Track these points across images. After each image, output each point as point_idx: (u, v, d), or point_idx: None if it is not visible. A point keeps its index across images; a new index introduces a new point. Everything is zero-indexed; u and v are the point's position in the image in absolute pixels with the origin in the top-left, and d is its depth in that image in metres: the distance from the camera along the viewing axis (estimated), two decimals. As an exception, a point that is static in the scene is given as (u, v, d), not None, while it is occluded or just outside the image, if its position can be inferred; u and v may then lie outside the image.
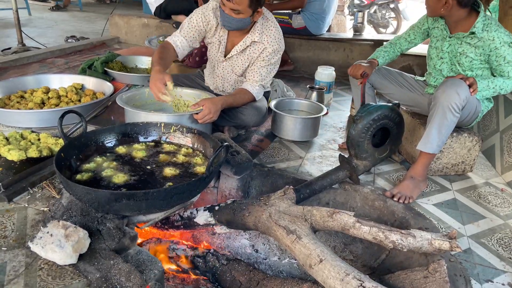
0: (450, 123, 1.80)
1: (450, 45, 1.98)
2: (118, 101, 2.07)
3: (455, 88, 1.77)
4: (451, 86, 1.78)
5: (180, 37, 2.17)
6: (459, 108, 1.78)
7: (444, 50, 2.02)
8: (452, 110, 1.77)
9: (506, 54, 1.81)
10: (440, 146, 1.85)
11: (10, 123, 2.25)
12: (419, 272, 1.24)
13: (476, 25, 1.84)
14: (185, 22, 2.19)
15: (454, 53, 1.98)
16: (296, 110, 2.62)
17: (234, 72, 2.28)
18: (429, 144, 1.84)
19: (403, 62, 3.74)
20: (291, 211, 1.48)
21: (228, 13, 1.98)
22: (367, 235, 1.35)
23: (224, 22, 2.05)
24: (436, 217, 1.78)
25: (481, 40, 1.86)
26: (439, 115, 1.80)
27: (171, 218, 1.71)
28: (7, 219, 1.50)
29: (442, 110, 1.78)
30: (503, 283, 1.44)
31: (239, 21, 2.02)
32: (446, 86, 1.80)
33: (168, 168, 1.57)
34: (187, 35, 2.17)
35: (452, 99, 1.76)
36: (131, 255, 1.33)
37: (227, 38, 2.21)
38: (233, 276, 1.56)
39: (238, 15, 1.99)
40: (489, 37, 1.83)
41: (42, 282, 1.21)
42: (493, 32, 1.82)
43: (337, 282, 1.16)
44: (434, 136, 1.82)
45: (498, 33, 1.82)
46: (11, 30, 5.38)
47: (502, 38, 1.81)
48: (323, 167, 2.12)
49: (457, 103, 1.76)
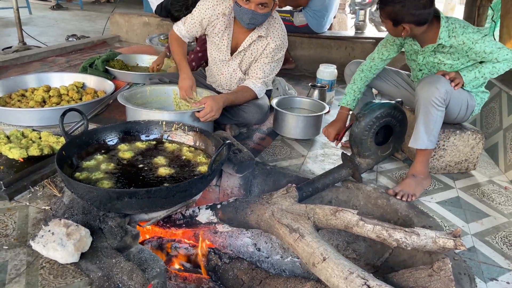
0: (436, 117, 1.79)
1: (424, 58, 1.97)
2: (119, 99, 2.06)
3: (434, 84, 1.77)
4: (429, 81, 1.79)
5: (184, 30, 2.22)
6: (441, 102, 1.77)
7: (420, 63, 2.01)
8: (434, 104, 1.77)
9: (483, 48, 1.77)
10: (432, 141, 1.84)
11: (11, 122, 2.25)
12: (424, 271, 1.23)
13: (440, 36, 1.82)
14: (188, 17, 2.20)
15: (431, 64, 1.96)
16: (298, 108, 2.60)
17: (241, 69, 2.27)
18: (419, 140, 1.83)
19: (404, 60, 3.72)
20: (294, 209, 1.47)
21: (254, 9, 1.95)
22: (371, 233, 1.34)
23: (250, 19, 2.00)
24: (439, 215, 1.77)
25: (452, 47, 1.84)
26: (422, 111, 1.80)
27: (173, 216, 1.70)
28: (8, 217, 1.49)
29: (424, 106, 1.79)
30: (508, 281, 1.43)
31: (264, 16, 2.01)
32: (424, 82, 1.81)
33: (163, 168, 1.55)
34: (190, 30, 2.21)
35: (431, 93, 1.76)
36: (133, 254, 1.32)
37: (232, 35, 2.19)
38: (236, 274, 1.56)
39: (263, 10, 1.97)
40: (459, 42, 1.80)
41: (43, 281, 1.20)
42: (460, 36, 1.79)
43: (341, 281, 1.15)
44: (421, 132, 1.82)
45: (466, 35, 1.78)
46: (12, 29, 5.38)
47: (472, 38, 1.77)
48: (326, 165, 2.11)
49: (438, 97, 1.76)
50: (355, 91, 2.14)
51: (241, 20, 2.04)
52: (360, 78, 2.14)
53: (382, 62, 2.12)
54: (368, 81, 2.16)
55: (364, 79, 2.14)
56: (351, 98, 2.14)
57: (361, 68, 2.16)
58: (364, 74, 2.14)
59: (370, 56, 2.16)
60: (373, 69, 2.13)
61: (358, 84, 2.14)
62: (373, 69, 2.13)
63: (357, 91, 2.14)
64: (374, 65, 2.13)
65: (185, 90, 2.12)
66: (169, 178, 1.51)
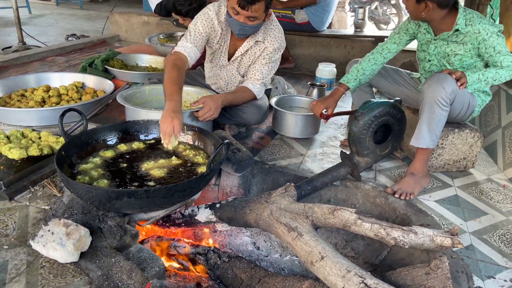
0: (439, 117, 1.79)
1: (436, 47, 1.97)
2: (118, 99, 2.07)
3: (441, 83, 1.76)
4: (436, 80, 1.78)
5: (192, 47, 2.01)
6: (446, 102, 1.77)
7: (430, 52, 2.01)
8: (439, 104, 1.77)
9: (495, 44, 1.79)
10: (434, 141, 1.84)
11: (11, 122, 2.25)
12: (421, 269, 1.23)
13: (457, 21, 1.82)
14: (190, 30, 2.06)
15: (442, 54, 1.96)
16: (297, 107, 2.61)
17: (239, 72, 2.27)
18: (421, 139, 1.83)
19: (404, 58, 3.73)
20: (292, 208, 1.48)
21: (243, 21, 1.93)
22: (369, 232, 1.34)
23: (239, 31, 1.99)
24: (437, 214, 1.77)
25: (467, 36, 1.84)
26: (426, 110, 1.80)
27: (172, 215, 1.71)
28: (8, 217, 1.50)
29: (430, 105, 1.78)
30: (505, 279, 1.44)
31: (254, 28, 2.00)
32: (432, 81, 1.80)
33: (157, 170, 1.55)
34: (197, 43, 2.04)
35: (438, 93, 1.75)
36: (132, 253, 1.33)
37: (230, 42, 2.19)
38: (235, 273, 1.56)
39: (253, 22, 1.95)
40: (475, 31, 1.81)
41: (43, 280, 1.21)
42: (477, 25, 1.80)
43: (339, 279, 1.15)
44: (424, 131, 1.82)
45: (482, 25, 1.79)
46: (11, 28, 5.38)
47: (488, 29, 1.79)
48: (324, 164, 2.12)
49: (444, 97, 1.76)
50: (359, 70, 2.08)
51: (232, 30, 2.05)
52: (369, 59, 2.10)
53: (394, 45, 2.10)
54: (376, 65, 2.09)
55: (373, 60, 2.10)
56: (353, 77, 2.08)
57: (371, 52, 2.14)
58: (373, 56, 2.11)
59: (380, 44, 2.15)
60: (384, 51, 2.11)
61: (364, 64, 2.09)
62: (384, 51, 2.11)
63: (361, 72, 2.08)
64: (386, 48, 2.11)
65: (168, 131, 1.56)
66: (168, 177, 1.51)
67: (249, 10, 1.88)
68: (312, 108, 2.11)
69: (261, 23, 2.02)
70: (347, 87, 2.09)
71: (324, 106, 2.06)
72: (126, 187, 1.43)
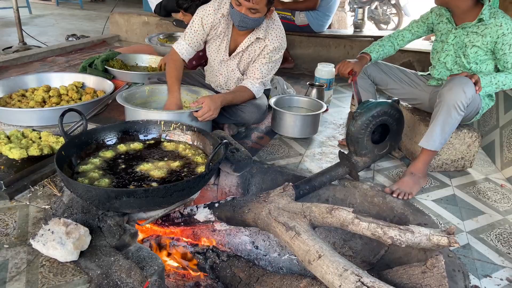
0: (454, 121, 1.80)
1: (456, 37, 1.98)
2: (118, 99, 2.08)
3: (462, 86, 1.76)
4: (458, 84, 1.77)
5: (185, 45, 2.20)
6: (464, 107, 1.77)
7: (449, 42, 2.01)
8: (457, 108, 1.76)
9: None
10: (442, 144, 1.85)
11: (11, 122, 2.27)
12: (417, 268, 1.25)
13: (483, 11, 1.83)
14: (187, 29, 2.19)
15: (460, 44, 1.97)
16: (296, 107, 2.62)
17: (239, 69, 2.28)
18: (432, 141, 1.84)
19: (403, 58, 3.74)
20: (290, 208, 1.49)
21: (244, 13, 1.97)
22: (366, 231, 1.35)
23: (239, 22, 2.02)
24: (435, 213, 1.78)
25: (488, 27, 1.85)
26: (443, 113, 1.79)
27: (171, 215, 1.72)
28: (8, 216, 1.51)
29: (447, 108, 1.78)
30: (502, 278, 1.45)
31: (255, 21, 2.02)
32: (452, 84, 1.79)
33: (156, 170, 1.56)
34: (191, 42, 2.20)
35: (458, 97, 1.75)
36: (131, 252, 1.34)
37: (231, 36, 2.21)
38: (233, 272, 1.58)
39: (254, 14, 1.98)
40: (497, 23, 1.82)
41: (43, 279, 1.22)
42: (500, 18, 1.82)
43: (336, 278, 1.17)
44: (437, 133, 1.82)
45: (505, 20, 1.82)
46: (12, 29, 5.39)
47: (510, 25, 1.81)
48: (323, 163, 2.13)
49: (463, 102, 1.76)
50: (380, 46, 2.20)
51: (233, 21, 2.07)
52: (387, 39, 2.22)
53: (410, 34, 2.19)
54: (392, 48, 2.20)
55: (390, 42, 2.21)
56: (375, 49, 2.18)
57: (384, 37, 2.24)
58: (389, 39, 2.22)
59: (398, 30, 2.24)
60: (399, 37, 2.21)
61: (384, 42, 2.21)
62: (399, 37, 2.21)
63: (381, 47, 2.19)
64: (401, 34, 2.20)
65: None
66: (167, 177, 1.52)
67: (250, 1, 1.92)
68: (340, 67, 2.12)
69: (262, 17, 2.04)
70: (370, 56, 2.17)
71: (352, 66, 2.08)
72: (126, 187, 1.44)
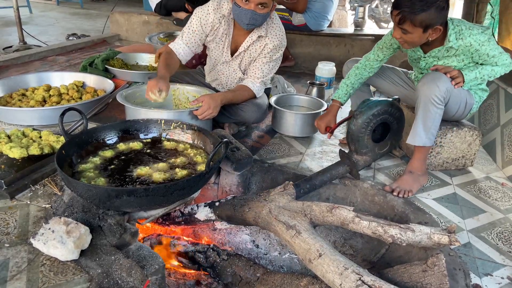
0: (434, 115, 1.81)
1: (427, 63, 1.99)
2: (118, 98, 2.08)
3: (435, 81, 1.78)
4: (431, 79, 1.79)
5: (182, 44, 2.16)
6: (440, 100, 1.78)
7: (421, 67, 2.03)
8: (433, 102, 1.78)
9: (488, 51, 1.80)
10: (430, 139, 1.85)
11: (11, 121, 2.27)
12: (418, 266, 1.25)
13: (449, 38, 1.81)
14: (185, 29, 2.17)
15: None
16: (297, 106, 2.62)
17: (240, 69, 2.28)
18: (417, 137, 1.84)
19: (404, 57, 3.73)
20: (291, 207, 1.49)
21: (254, 9, 1.95)
22: (366, 229, 1.35)
23: (249, 20, 1.99)
24: (436, 212, 1.78)
25: (459, 49, 1.84)
26: (421, 108, 1.81)
27: (172, 214, 1.72)
28: (9, 216, 1.51)
29: (424, 103, 1.80)
30: (503, 276, 1.44)
31: (263, 16, 2.01)
32: (426, 79, 1.81)
33: (157, 173, 1.56)
34: (189, 42, 2.16)
35: (432, 91, 1.77)
36: (132, 251, 1.34)
37: (232, 37, 2.20)
38: (234, 271, 1.58)
39: (263, 10, 1.97)
40: (466, 44, 1.81)
41: (44, 277, 1.23)
42: (467, 38, 1.80)
43: (336, 276, 1.17)
44: (419, 129, 1.83)
45: (472, 37, 1.79)
46: (12, 28, 5.40)
47: (479, 39, 1.79)
48: (324, 162, 2.13)
49: (438, 96, 1.77)
50: (348, 85, 2.18)
51: (240, 21, 2.04)
52: (355, 74, 2.18)
53: (377, 62, 2.15)
54: (363, 79, 2.19)
55: (359, 75, 2.18)
56: (343, 93, 2.18)
57: (357, 65, 2.19)
58: (358, 71, 2.18)
59: (366, 56, 2.18)
60: (367, 68, 2.17)
61: (352, 79, 2.18)
62: (367, 68, 2.17)
63: (350, 86, 2.18)
64: (369, 65, 2.16)
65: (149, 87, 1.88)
66: (167, 175, 1.52)
67: None
68: (317, 126, 2.20)
69: (268, 13, 2.04)
70: (339, 102, 2.19)
71: (325, 123, 2.16)
72: (126, 185, 1.44)
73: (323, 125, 2.15)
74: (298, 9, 3.77)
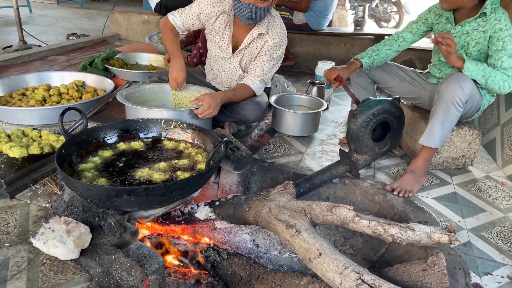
0: (454, 117, 1.80)
1: (456, 37, 1.96)
2: (118, 97, 2.08)
3: (459, 83, 1.76)
4: (455, 80, 1.77)
5: (179, 21, 2.22)
6: (462, 103, 1.77)
7: None
8: (455, 104, 1.77)
9: (506, 39, 1.78)
10: (442, 141, 1.85)
11: (11, 121, 2.27)
12: (418, 265, 1.25)
13: (486, 6, 1.82)
14: (186, 8, 2.20)
15: (461, 43, 1.95)
16: (297, 105, 2.62)
17: (241, 66, 2.28)
18: (432, 138, 1.83)
19: (404, 56, 3.73)
20: (291, 206, 1.49)
21: (254, 3, 1.96)
22: (366, 229, 1.35)
23: (250, 14, 2.00)
24: (436, 211, 1.78)
25: (488, 22, 1.83)
26: (442, 110, 1.79)
27: (172, 213, 1.72)
28: (9, 215, 1.51)
29: (446, 105, 1.78)
30: (503, 275, 1.45)
31: (264, 10, 2.02)
32: (450, 80, 1.79)
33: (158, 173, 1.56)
34: (185, 21, 2.21)
35: (456, 93, 1.75)
36: (132, 250, 1.34)
37: (233, 34, 2.20)
38: (234, 270, 1.58)
39: (263, 3, 1.98)
40: (497, 18, 1.81)
41: (44, 277, 1.23)
42: (500, 13, 1.81)
43: (336, 275, 1.17)
44: (437, 130, 1.82)
45: (505, 16, 1.81)
46: (12, 28, 5.39)
47: (507, 22, 1.80)
48: (324, 162, 2.13)
49: (461, 98, 1.76)
50: (374, 51, 2.18)
51: (241, 16, 2.04)
52: (384, 43, 2.20)
53: (409, 35, 2.16)
54: (391, 51, 2.17)
55: (388, 45, 2.18)
56: (367, 55, 2.18)
57: (388, 37, 2.21)
58: (388, 42, 2.19)
59: (396, 32, 2.21)
60: (399, 39, 2.18)
61: (380, 47, 2.19)
62: (399, 39, 2.18)
63: (376, 52, 2.18)
64: (400, 36, 2.17)
65: (179, 82, 2.15)
66: (167, 175, 1.52)
67: None
68: (326, 73, 2.18)
69: (269, 7, 2.04)
70: (361, 62, 2.16)
71: (338, 73, 2.13)
72: (126, 185, 1.44)
73: (334, 74, 2.11)
74: (301, 7, 3.76)
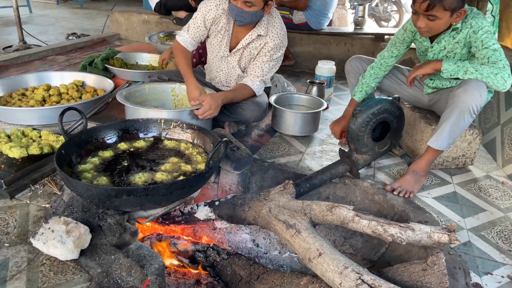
0: (466, 123, 1.77)
1: (434, 54, 1.97)
2: (118, 97, 2.08)
3: (478, 90, 1.71)
4: (474, 87, 1.72)
5: (188, 38, 2.22)
6: (478, 110, 1.75)
7: (429, 59, 2.00)
8: (471, 111, 1.73)
9: (483, 37, 1.74)
10: (449, 145, 1.84)
11: (11, 121, 2.27)
12: (418, 265, 1.24)
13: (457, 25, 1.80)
14: (190, 23, 2.21)
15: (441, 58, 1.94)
16: (297, 105, 2.62)
17: (239, 66, 2.28)
18: (441, 141, 1.82)
19: (404, 56, 3.71)
20: (291, 206, 1.49)
21: (240, 7, 1.97)
22: (366, 228, 1.35)
23: (236, 17, 2.03)
24: (436, 211, 1.78)
25: (462, 32, 1.82)
26: (456, 115, 1.75)
27: (171, 213, 1.72)
28: (9, 215, 1.51)
29: (461, 111, 1.73)
30: (503, 275, 1.44)
31: (252, 15, 2.02)
32: (468, 86, 1.73)
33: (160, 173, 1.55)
34: (194, 36, 2.21)
35: (474, 100, 1.71)
36: (132, 250, 1.34)
37: (232, 33, 2.20)
38: (234, 270, 1.58)
39: (250, 8, 1.98)
40: (467, 26, 1.80)
41: (44, 277, 1.23)
42: (470, 20, 1.79)
43: (336, 275, 1.16)
44: (446, 133, 1.79)
45: (475, 20, 1.78)
46: (12, 28, 5.39)
47: (481, 23, 1.76)
48: (323, 161, 2.13)
49: (478, 105, 1.72)
50: (363, 84, 2.21)
51: (232, 16, 2.07)
52: (370, 74, 2.20)
53: (392, 59, 2.17)
54: (378, 78, 2.20)
55: (374, 75, 2.19)
56: (358, 90, 2.23)
57: (372, 65, 2.20)
58: (373, 71, 2.19)
59: (380, 54, 2.20)
60: (383, 66, 2.18)
61: (367, 79, 2.20)
62: (383, 66, 2.18)
63: (365, 84, 2.21)
64: (384, 62, 2.17)
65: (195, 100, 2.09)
66: (168, 175, 1.52)
67: None
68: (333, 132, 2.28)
69: (260, 12, 2.03)
70: (356, 102, 2.22)
71: (341, 129, 2.22)
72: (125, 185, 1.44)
73: (339, 130, 2.19)
74: (300, 6, 3.76)
